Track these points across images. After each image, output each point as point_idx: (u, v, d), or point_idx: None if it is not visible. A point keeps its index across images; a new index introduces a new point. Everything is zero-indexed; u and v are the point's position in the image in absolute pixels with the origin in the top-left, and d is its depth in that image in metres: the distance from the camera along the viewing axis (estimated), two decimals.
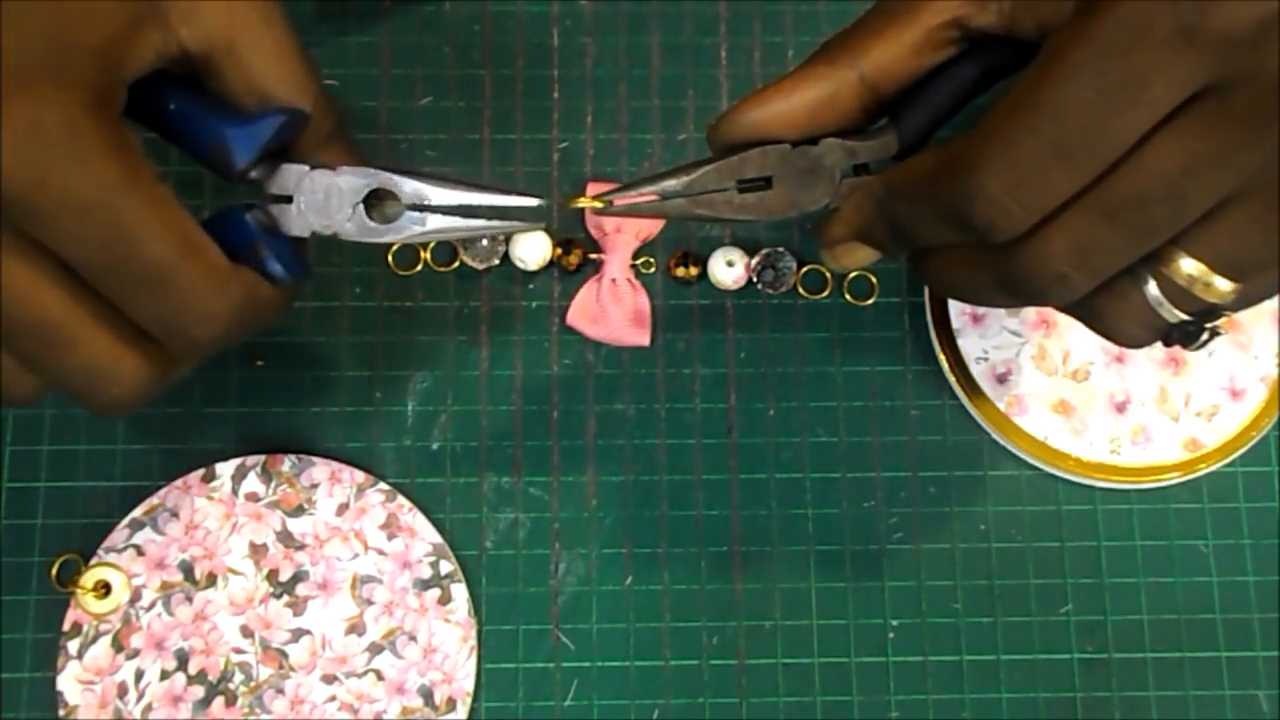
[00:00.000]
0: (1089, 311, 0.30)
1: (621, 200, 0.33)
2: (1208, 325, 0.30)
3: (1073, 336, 0.47)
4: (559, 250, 0.46)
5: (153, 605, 0.44)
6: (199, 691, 0.43)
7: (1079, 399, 0.46)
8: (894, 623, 0.45)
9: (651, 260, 0.47)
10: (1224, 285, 0.28)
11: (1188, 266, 0.28)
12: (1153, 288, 0.29)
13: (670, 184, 0.32)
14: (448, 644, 0.44)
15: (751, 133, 0.31)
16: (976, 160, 0.28)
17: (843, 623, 0.45)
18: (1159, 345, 0.32)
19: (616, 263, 0.46)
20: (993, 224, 0.28)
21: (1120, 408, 0.46)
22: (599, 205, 0.33)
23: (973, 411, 0.46)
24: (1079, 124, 0.27)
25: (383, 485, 0.45)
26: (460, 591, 0.44)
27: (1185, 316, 0.29)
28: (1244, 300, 0.29)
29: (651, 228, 0.47)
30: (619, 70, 0.49)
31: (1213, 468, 0.46)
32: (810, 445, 0.46)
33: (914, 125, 0.32)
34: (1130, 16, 0.26)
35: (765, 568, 0.45)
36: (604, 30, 0.49)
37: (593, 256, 0.47)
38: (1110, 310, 0.30)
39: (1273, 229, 0.27)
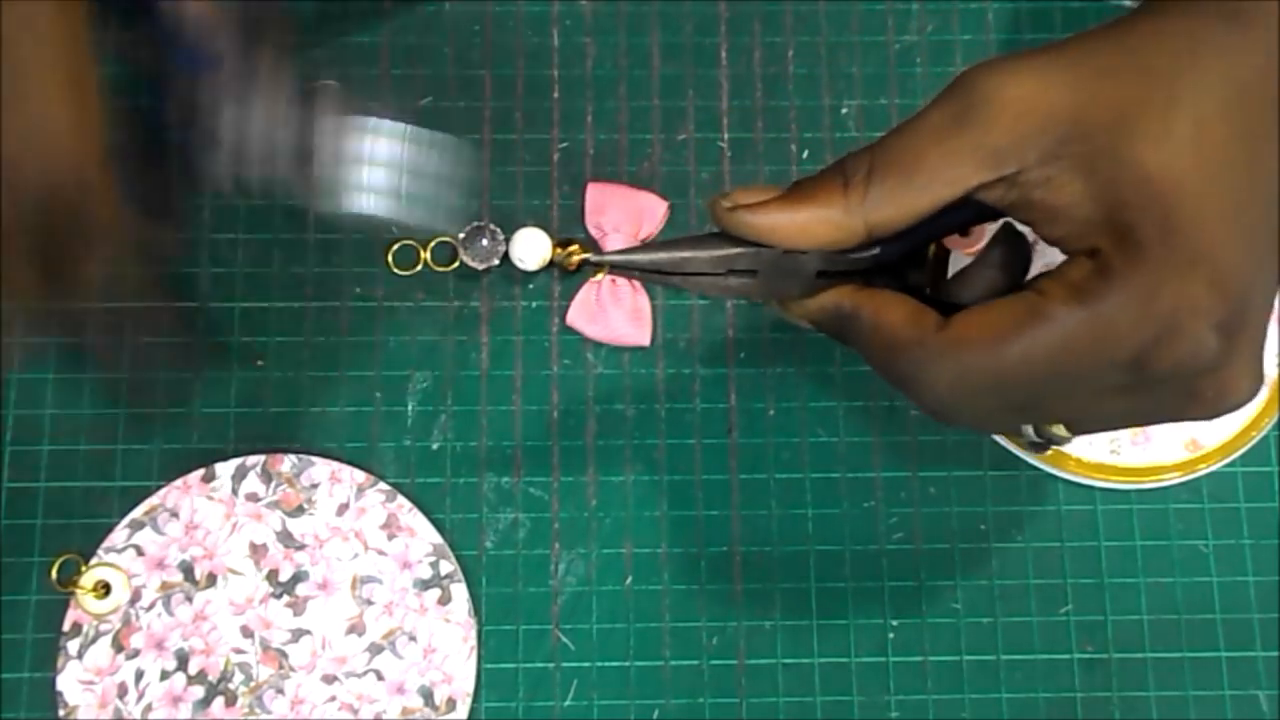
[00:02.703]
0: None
1: (619, 264, 0.36)
2: (1054, 445, 0.36)
3: None
4: (559, 250, 0.46)
5: (153, 605, 0.44)
6: (199, 691, 0.43)
7: None
8: (894, 623, 0.45)
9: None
10: (1069, 434, 0.34)
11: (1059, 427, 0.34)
12: (1029, 430, 0.35)
13: (665, 260, 0.35)
14: (448, 644, 0.44)
15: (754, 235, 0.34)
16: (936, 363, 0.32)
17: (843, 623, 0.45)
18: None
19: None
20: (925, 407, 0.33)
21: None
22: (598, 271, 0.36)
23: None
24: (1025, 381, 0.31)
25: (383, 485, 0.45)
26: (460, 591, 0.44)
27: (1038, 440, 0.35)
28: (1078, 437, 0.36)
29: (651, 228, 0.47)
30: (619, 70, 0.49)
31: (1213, 468, 0.46)
32: (810, 445, 0.46)
33: (894, 250, 0.34)
34: (1101, 330, 0.30)
35: (765, 568, 0.45)
36: (604, 30, 0.49)
37: (592, 257, 0.47)
38: (992, 433, 0.36)
39: (1117, 425, 0.34)
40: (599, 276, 0.34)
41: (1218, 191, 0.30)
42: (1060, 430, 0.34)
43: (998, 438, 0.46)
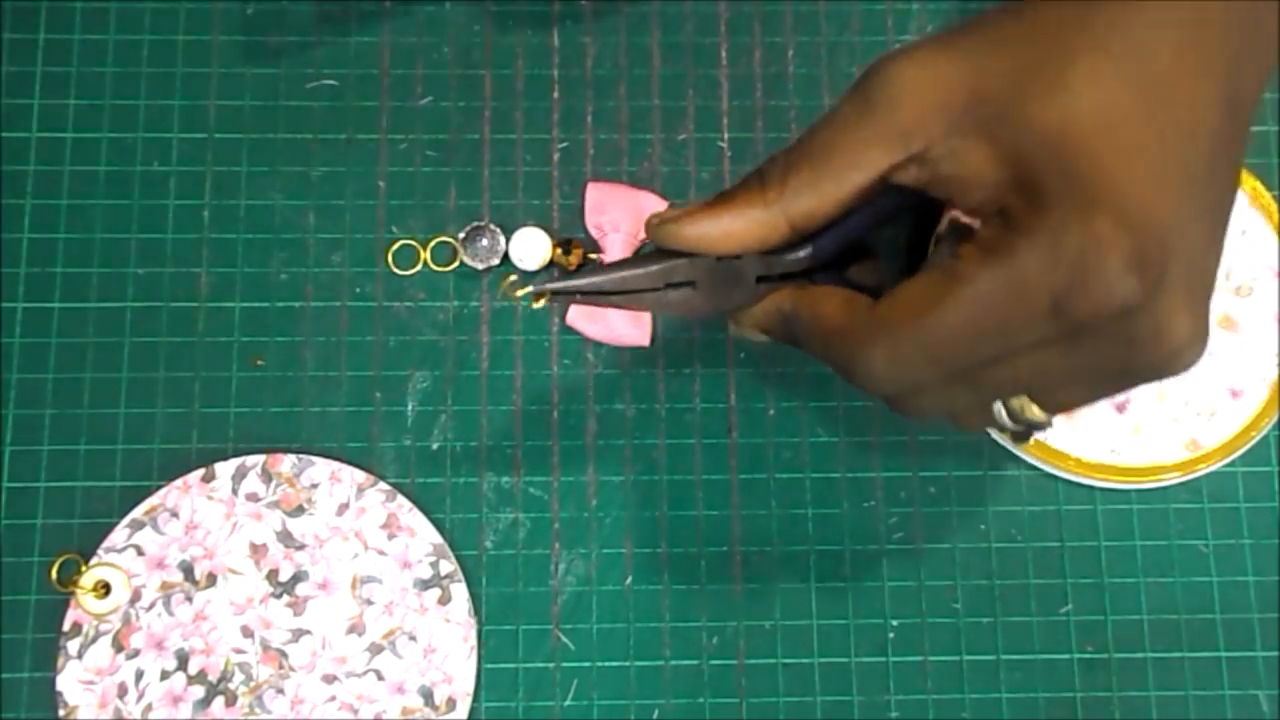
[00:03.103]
0: (955, 421, 0.37)
1: (559, 292, 0.36)
2: (1034, 432, 0.36)
3: None
4: (559, 250, 0.46)
5: (153, 605, 0.44)
6: (199, 691, 0.43)
7: None
8: (894, 623, 0.45)
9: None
10: (1042, 415, 0.35)
11: (1017, 401, 0.35)
12: (999, 409, 0.35)
13: (605, 281, 0.36)
14: (448, 644, 0.44)
15: (684, 245, 0.35)
16: (869, 341, 0.33)
17: (843, 623, 0.45)
18: None
19: None
20: (871, 390, 0.34)
21: (1120, 408, 0.46)
22: (537, 300, 0.36)
23: None
24: (953, 345, 0.32)
25: (383, 485, 0.45)
26: (460, 591, 0.44)
27: (1017, 427, 0.35)
28: (1056, 417, 0.36)
29: None
30: (619, 70, 0.49)
31: (1212, 468, 0.46)
32: (810, 445, 0.46)
33: (827, 245, 0.35)
34: (1015, 282, 0.31)
35: (765, 568, 0.45)
36: (604, 30, 0.49)
37: (592, 256, 0.47)
38: (962, 418, 0.36)
39: (1083, 396, 0.34)
40: (540, 305, 0.35)
41: (1119, 136, 0.30)
42: (1031, 409, 0.34)
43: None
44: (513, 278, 0.36)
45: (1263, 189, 0.48)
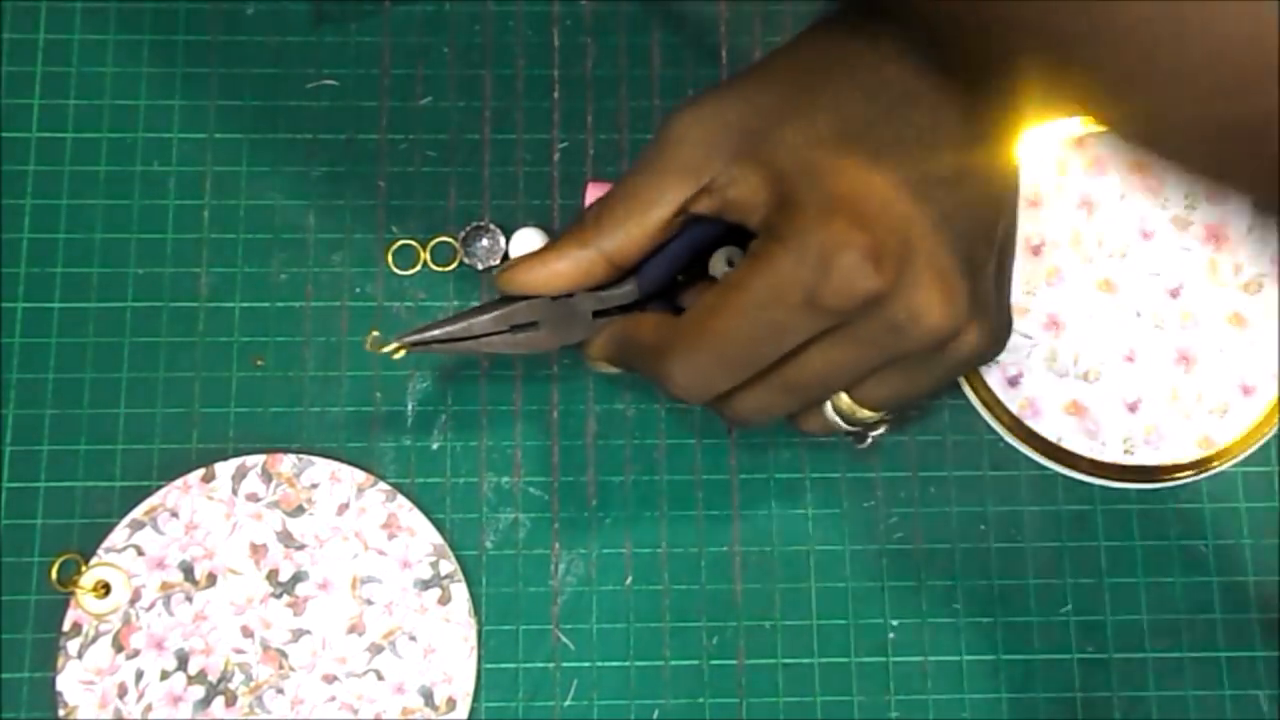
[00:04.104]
0: (791, 422, 0.41)
1: (416, 343, 0.40)
2: (869, 433, 0.42)
3: (1084, 338, 0.47)
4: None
5: (153, 605, 0.44)
6: (199, 691, 0.43)
7: (1091, 400, 0.46)
8: (894, 623, 0.45)
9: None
10: (867, 414, 0.39)
11: (844, 401, 0.39)
12: (829, 411, 0.39)
13: (455, 329, 0.40)
14: (448, 644, 0.44)
15: (521, 290, 0.39)
16: (668, 355, 0.37)
17: (843, 623, 0.45)
18: (1168, 345, 0.46)
19: None
20: (684, 399, 0.38)
21: (1133, 407, 0.46)
22: (398, 351, 0.40)
23: (985, 415, 0.46)
24: (736, 348, 0.36)
25: (383, 485, 0.45)
26: (460, 591, 0.44)
27: (850, 428, 0.40)
28: (887, 414, 0.40)
29: None
30: (619, 70, 0.49)
31: (1226, 466, 0.46)
32: (810, 445, 0.46)
33: (651, 278, 0.39)
34: (773, 283, 0.35)
35: (765, 568, 0.45)
36: (604, 30, 0.49)
37: None
38: (800, 422, 0.40)
39: (891, 389, 0.38)
40: (399, 355, 0.40)
41: (860, 148, 0.35)
42: (856, 409, 0.39)
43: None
44: (375, 334, 0.41)
45: None
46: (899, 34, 0.36)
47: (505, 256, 0.47)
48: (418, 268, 0.47)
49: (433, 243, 0.47)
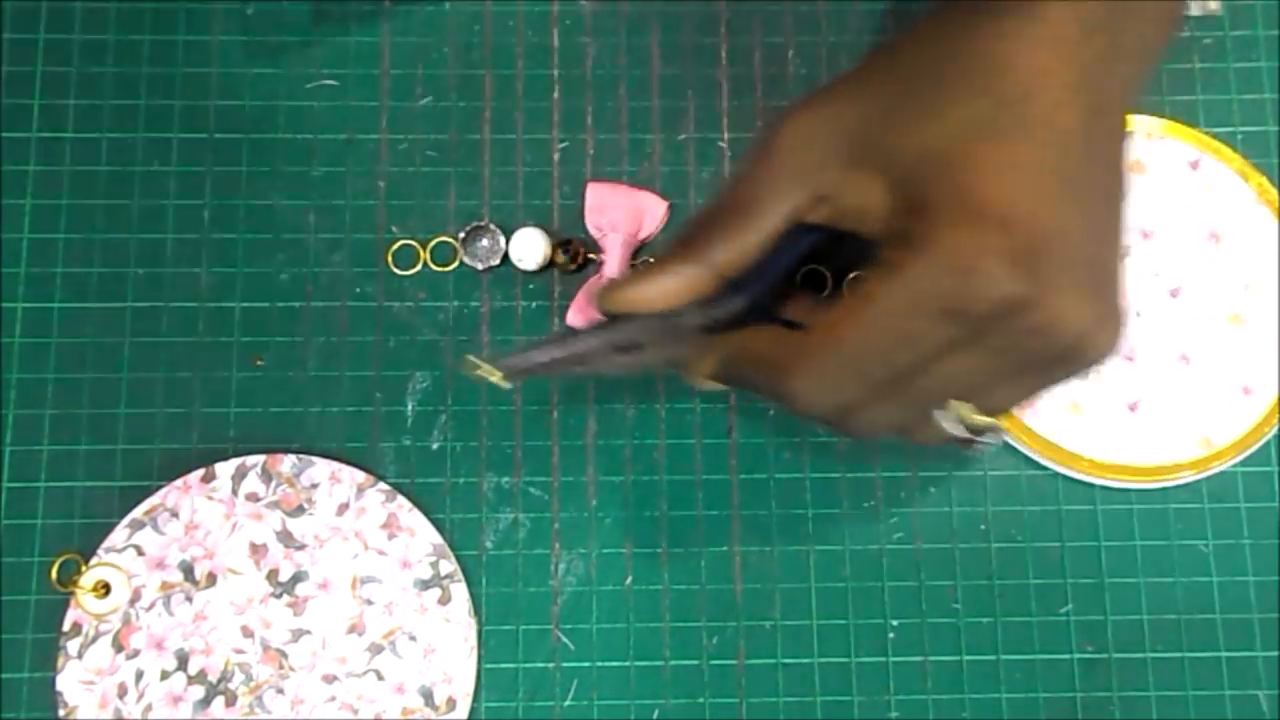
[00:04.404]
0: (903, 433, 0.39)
1: (518, 369, 0.38)
2: (983, 438, 0.38)
3: None
4: (559, 250, 0.46)
5: (153, 605, 0.44)
6: (199, 691, 0.43)
7: (1091, 399, 0.46)
8: (894, 623, 0.45)
9: (651, 260, 0.47)
10: (984, 419, 0.37)
11: (963, 408, 0.37)
12: (946, 419, 0.37)
13: (559, 353, 0.38)
14: (448, 644, 0.44)
15: (629, 309, 0.38)
16: (795, 368, 0.36)
17: (843, 623, 0.45)
18: (1170, 345, 0.45)
19: (616, 263, 0.46)
20: (808, 415, 0.36)
21: (1133, 407, 0.46)
22: (500, 377, 0.38)
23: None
24: (870, 360, 0.35)
25: (383, 485, 0.45)
26: (460, 591, 0.44)
27: (964, 434, 0.38)
28: (997, 418, 0.38)
29: (651, 228, 0.47)
30: (619, 70, 0.49)
31: (1225, 466, 0.46)
32: (810, 445, 0.46)
33: (757, 289, 0.38)
34: (910, 291, 0.33)
35: (765, 568, 0.45)
36: (604, 30, 0.49)
37: (593, 256, 0.47)
38: (913, 433, 0.38)
39: (1016, 393, 0.37)
40: (505, 383, 0.39)
41: (990, 149, 0.34)
42: (972, 415, 0.37)
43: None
44: (472, 358, 0.38)
45: (1269, 184, 0.48)
46: (1016, 26, 0.35)
47: (505, 256, 0.47)
48: (418, 268, 0.47)
49: (433, 243, 0.47)
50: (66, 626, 0.43)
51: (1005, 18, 0.35)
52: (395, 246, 0.47)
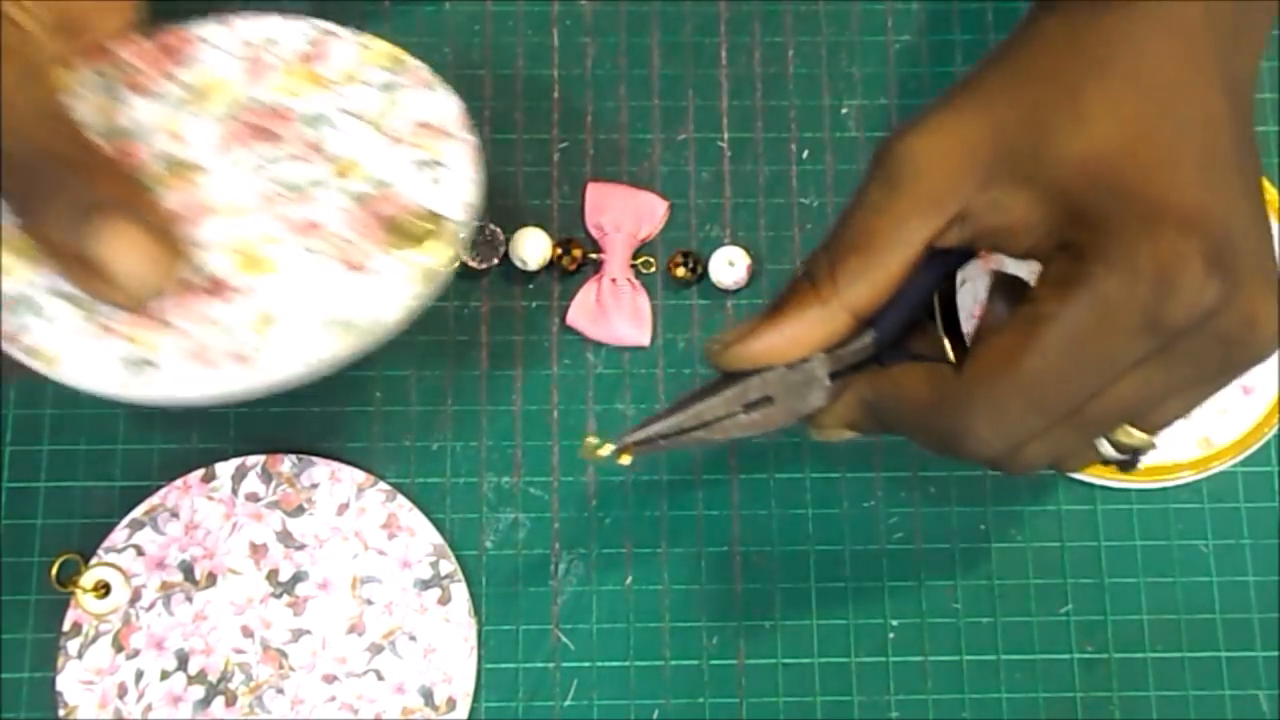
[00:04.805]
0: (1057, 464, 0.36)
1: (641, 443, 0.36)
2: (1139, 456, 0.36)
3: None
4: (559, 250, 0.46)
5: (153, 605, 0.44)
6: (199, 691, 0.43)
7: None
8: (894, 623, 0.45)
9: (651, 260, 0.47)
10: (1144, 438, 0.35)
11: (1121, 430, 0.35)
12: (1105, 446, 0.35)
13: (682, 419, 0.35)
14: (448, 644, 0.44)
15: (757, 364, 0.35)
16: (967, 405, 0.33)
17: (843, 623, 0.45)
18: None
19: (616, 262, 0.46)
20: (979, 456, 0.34)
21: None
22: (622, 456, 0.36)
23: None
24: (1055, 386, 0.32)
25: (383, 485, 0.45)
26: (460, 591, 0.44)
27: (1123, 456, 0.36)
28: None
29: (651, 228, 0.47)
30: (619, 70, 0.49)
31: (1225, 465, 0.46)
32: (810, 445, 0.46)
33: (889, 327, 0.35)
34: (1106, 308, 0.31)
35: (765, 568, 0.45)
36: (604, 30, 0.49)
37: (593, 256, 0.47)
38: (1068, 464, 0.36)
39: (1184, 405, 0.34)
40: (626, 460, 0.36)
41: (1150, 148, 0.32)
42: (1135, 434, 0.34)
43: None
44: (591, 439, 0.36)
45: (1269, 184, 0.48)
46: (1144, 17, 0.33)
47: (505, 256, 0.46)
48: None
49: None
50: (66, 626, 0.43)
51: (1129, 8, 0.33)
52: None
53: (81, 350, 0.33)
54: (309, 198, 0.35)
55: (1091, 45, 0.33)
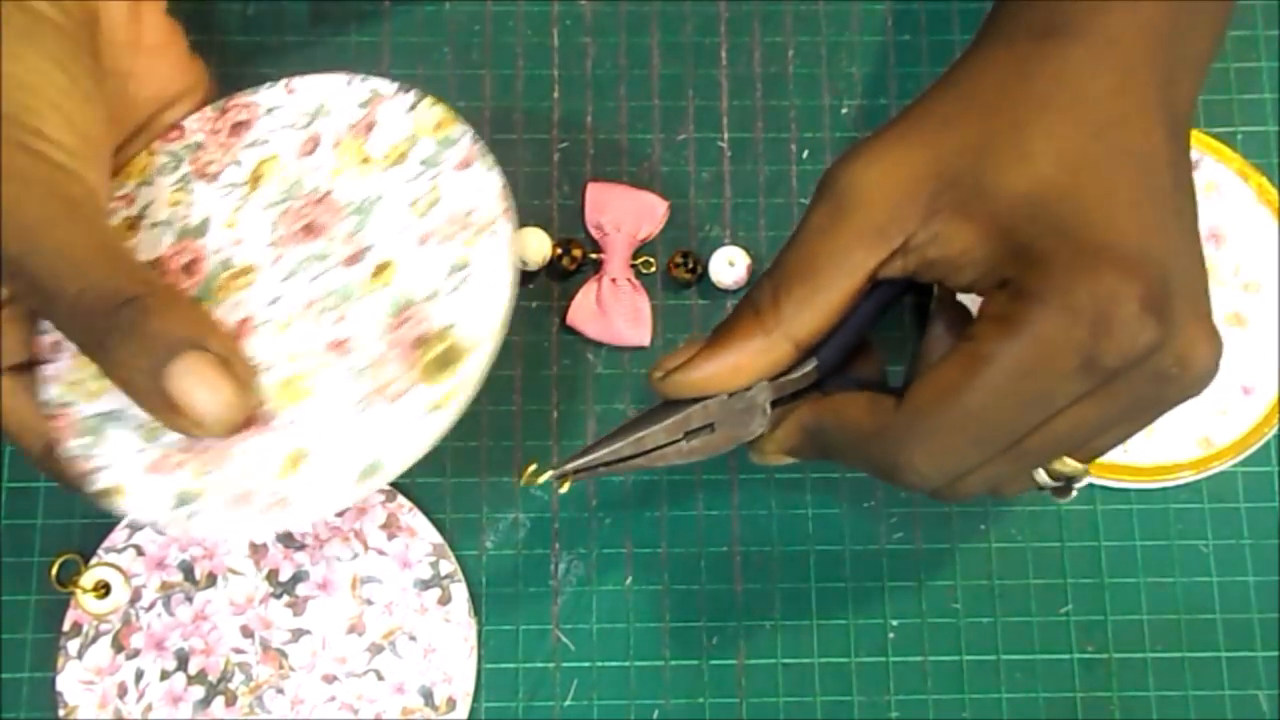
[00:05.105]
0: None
1: (580, 470, 0.35)
2: (1074, 484, 0.36)
3: None
4: (559, 250, 0.46)
5: (153, 605, 0.44)
6: (199, 691, 0.43)
7: None
8: (894, 623, 0.45)
9: (651, 260, 0.47)
10: (1079, 467, 0.35)
11: (1059, 463, 0.35)
12: (1041, 475, 0.35)
13: (622, 446, 0.35)
14: (448, 644, 0.44)
15: (699, 392, 0.35)
16: (906, 438, 0.33)
17: (843, 623, 0.45)
18: None
19: (616, 263, 0.46)
20: (915, 486, 0.34)
21: None
22: (562, 484, 0.36)
23: None
24: (994, 422, 0.32)
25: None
26: (460, 591, 0.44)
27: (1057, 484, 0.36)
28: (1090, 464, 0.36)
29: (651, 228, 0.47)
30: (619, 70, 0.49)
31: (1225, 466, 0.46)
32: None
33: (832, 355, 0.35)
34: (1040, 348, 0.31)
35: (765, 568, 0.45)
36: (604, 30, 0.49)
37: (593, 256, 0.47)
38: (1004, 488, 0.36)
39: (1116, 437, 0.34)
40: (564, 488, 0.36)
41: (1091, 185, 0.32)
42: (1070, 464, 0.35)
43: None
44: (532, 468, 0.35)
45: (1269, 184, 0.47)
46: (1085, 49, 0.33)
47: None
48: None
49: None
50: (66, 626, 0.43)
51: (1072, 42, 0.33)
52: None
53: (143, 483, 0.34)
54: (347, 305, 0.35)
55: (1035, 78, 0.33)
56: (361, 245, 0.36)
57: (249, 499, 0.33)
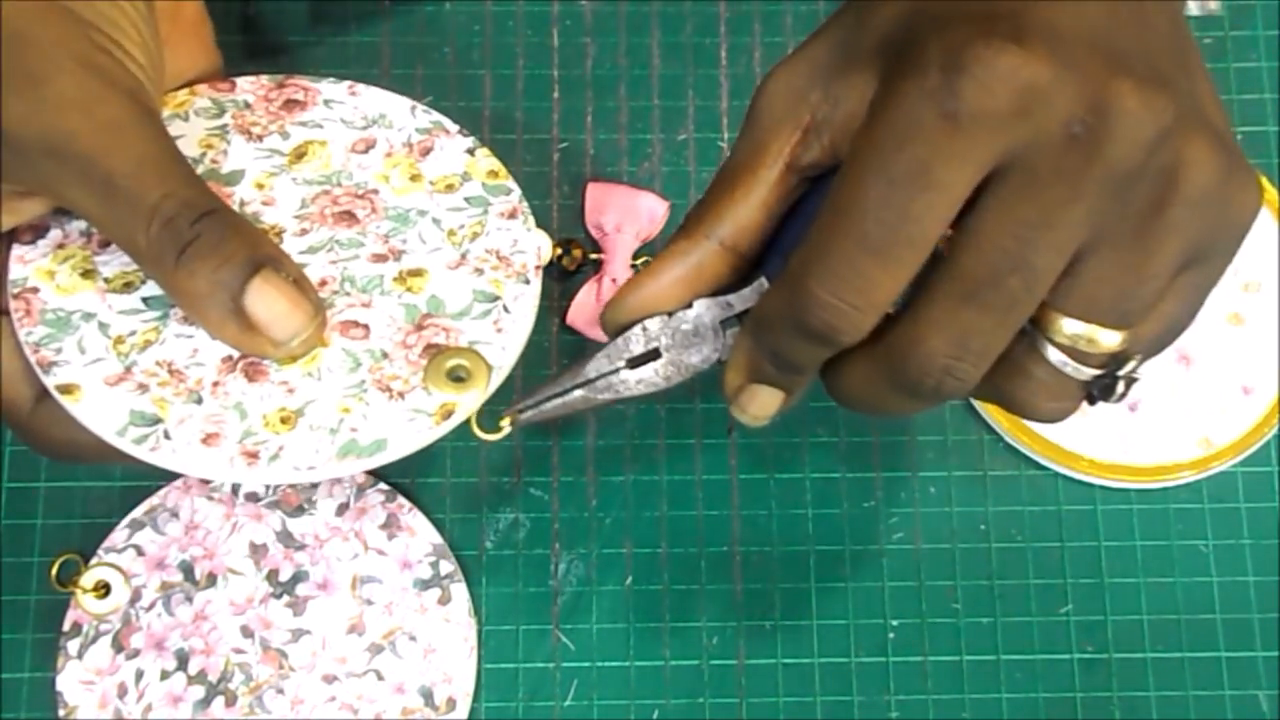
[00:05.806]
0: (1001, 397, 0.31)
1: (529, 410, 0.35)
2: (1121, 375, 0.30)
3: None
4: (559, 250, 0.46)
5: (153, 605, 0.44)
6: (199, 691, 0.43)
7: None
8: (894, 623, 0.45)
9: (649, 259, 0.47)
10: (1110, 337, 0.29)
11: (1070, 327, 0.29)
12: (1053, 353, 0.30)
13: (565, 381, 0.34)
14: (448, 644, 0.44)
15: (633, 315, 0.34)
16: (801, 271, 0.29)
17: (843, 623, 0.45)
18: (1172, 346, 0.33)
19: (616, 263, 0.46)
20: (831, 327, 0.29)
21: (1133, 407, 0.46)
22: (508, 425, 0.35)
23: (984, 414, 0.46)
24: (878, 218, 0.28)
25: (383, 485, 0.45)
26: (460, 591, 0.44)
27: (1095, 372, 0.30)
28: (1149, 346, 0.31)
29: (652, 228, 0.47)
30: (619, 70, 0.49)
31: (1225, 466, 0.46)
32: (810, 445, 0.46)
33: (777, 268, 0.33)
34: (898, 112, 0.28)
35: (765, 568, 0.45)
36: (604, 30, 0.49)
37: (593, 256, 0.47)
38: (1019, 390, 0.31)
39: (1132, 271, 0.29)
40: (505, 425, 0.35)
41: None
42: (1099, 339, 0.29)
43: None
44: (476, 429, 0.35)
45: (1269, 184, 0.48)
46: None
47: None
48: None
49: None
50: (66, 626, 0.43)
51: None
52: None
53: (102, 391, 0.33)
54: (364, 296, 0.35)
55: None
56: (395, 248, 0.36)
57: (217, 441, 0.33)
